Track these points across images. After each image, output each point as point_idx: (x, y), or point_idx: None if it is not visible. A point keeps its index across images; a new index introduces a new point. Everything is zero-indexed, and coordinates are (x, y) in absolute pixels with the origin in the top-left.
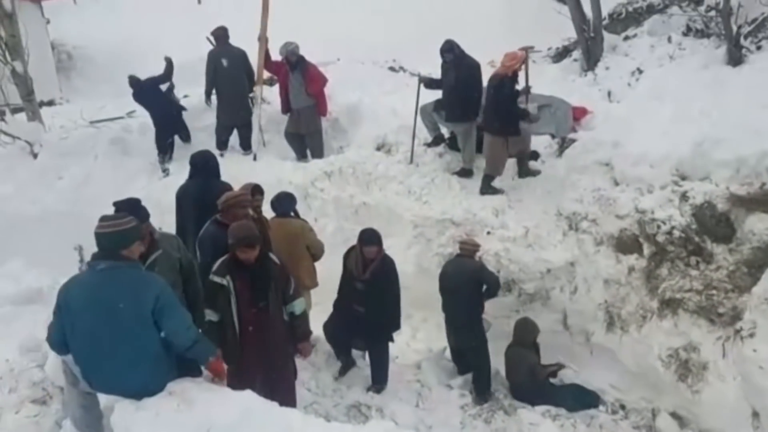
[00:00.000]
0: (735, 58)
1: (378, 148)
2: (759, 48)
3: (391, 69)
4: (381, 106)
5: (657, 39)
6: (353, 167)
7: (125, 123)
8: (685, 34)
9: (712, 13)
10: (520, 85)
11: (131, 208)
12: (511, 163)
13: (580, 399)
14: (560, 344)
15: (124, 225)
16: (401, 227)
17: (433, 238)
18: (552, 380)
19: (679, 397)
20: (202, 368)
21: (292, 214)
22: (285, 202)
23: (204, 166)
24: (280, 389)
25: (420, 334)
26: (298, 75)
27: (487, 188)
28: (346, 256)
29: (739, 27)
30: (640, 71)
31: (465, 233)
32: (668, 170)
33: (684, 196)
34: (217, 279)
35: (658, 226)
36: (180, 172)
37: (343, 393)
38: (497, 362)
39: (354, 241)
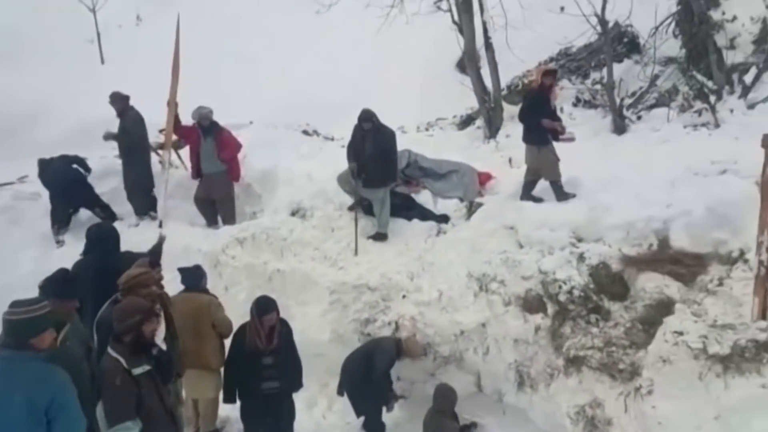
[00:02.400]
0: (619, 128)
1: (293, 213)
2: (639, 118)
3: (305, 133)
4: (296, 171)
5: None
6: (267, 233)
7: (16, 189)
8: (575, 105)
9: (598, 86)
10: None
11: (57, 283)
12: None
13: None
14: (475, 405)
15: (35, 312)
16: (317, 294)
17: (349, 304)
18: None
19: None
20: None
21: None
22: (192, 276)
23: (100, 241)
24: None
25: (336, 405)
26: (210, 140)
27: (561, 195)
28: (240, 335)
29: (622, 99)
30: None
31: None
32: (566, 233)
33: (581, 257)
34: (138, 371)
35: (560, 286)
36: (75, 244)
37: None
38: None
39: None
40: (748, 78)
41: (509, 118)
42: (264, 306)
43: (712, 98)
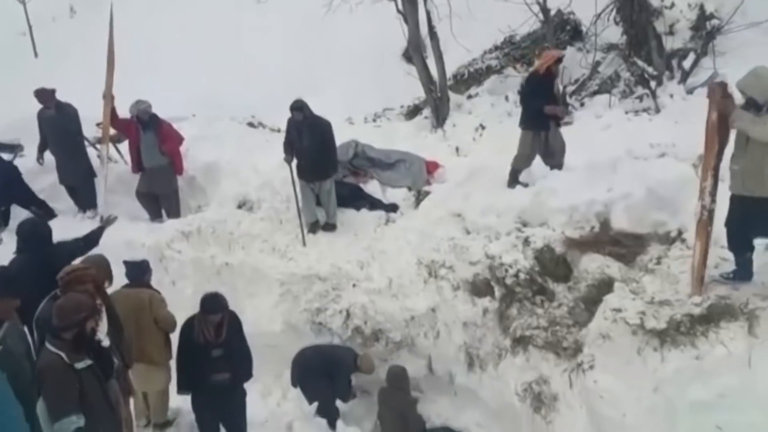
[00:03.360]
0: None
1: (239, 206)
2: (582, 105)
3: (250, 125)
4: (241, 163)
5: (496, 98)
6: (213, 227)
7: None
8: (520, 93)
9: None
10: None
11: None
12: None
13: None
14: (427, 387)
15: None
16: (267, 285)
17: (300, 295)
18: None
19: (535, 428)
20: None
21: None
22: (136, 269)
23: (31, 237)
24: None
25: (291, 394)
26: (150, 134)
27: (513, 182)
28: (188, 327)
29: (565, 86)
30: (483, 127)
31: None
32: (512, 218)
33: (527, 241)
34: (80, 365)
35: (506, 270)
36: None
37: None
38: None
39: None
40: (687, 63)
41: (456, 108)
42: (209, 306)
43: (653, 84)
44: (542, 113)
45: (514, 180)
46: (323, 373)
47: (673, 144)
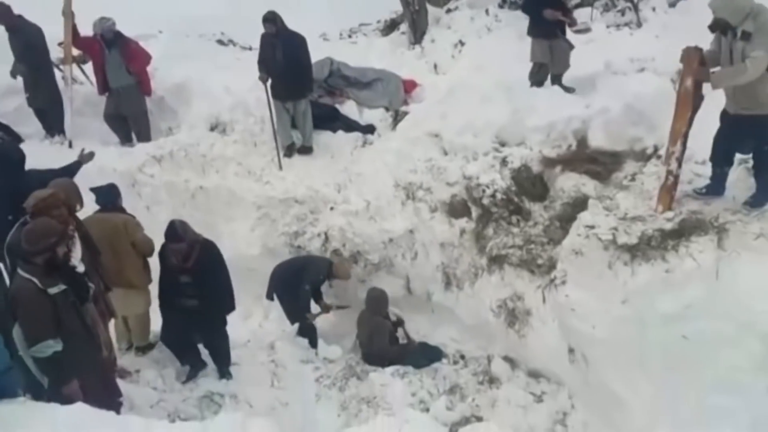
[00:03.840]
0: None
1: (212, 128)
2: None
3: (220, 42)
4: (212, 83)
5: (476, 12)
6: (185, 150)
7: None
8: (500, 6)
9: None
10: None
11: None
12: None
13: (427, 355)
14: (405, 306)
15: None
16: (244, 209)
17: (277, 218)
18: (401, 341)
19: (509, 342)
20: None
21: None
22: (106, 194)
23: (2, 160)
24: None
25: (272, 314)
26: (116, 53)
27: (533, 78)
28: (163, 250)
29: None
30: (462, 43)
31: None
32: (489, 138)
33: (504, 161)
34: (54, 290)
35: (483, 190)
36: None
37: (192, 385)
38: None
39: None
40: None
41: (434, 22)
42: (170, 235)
43: None
44: (546, 20)
45: (537, 83)
46: (297, 281)
47: (653, 58)
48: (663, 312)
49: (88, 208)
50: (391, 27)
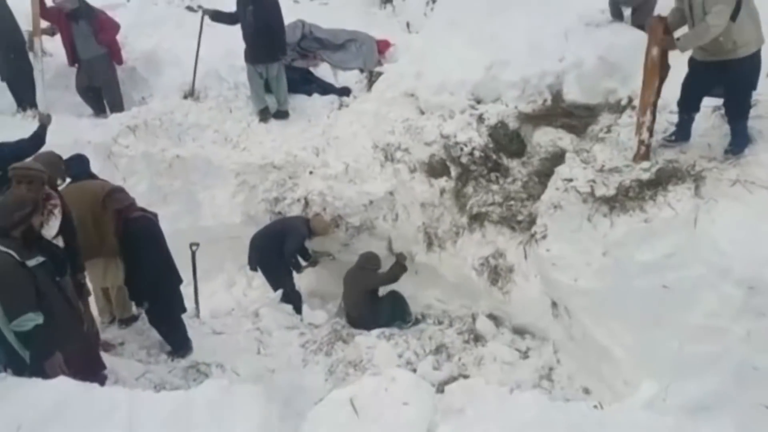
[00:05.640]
0: None
1: (185, 96)
2: None
3: (189, 9)
4: (183, 51)
5: None
6: (160, 119)
7: None
8: None
9: None
10: None
11: None
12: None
13: (398, 306)
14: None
15: None
16: (222, 177)
17: (257, 185)
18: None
19: (493, 300)
20: None
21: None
22: (78, 164)
23: None
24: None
25: (255, 282)
26: (84, 23)
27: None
28: None
29: None
30: (434, 0)
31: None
32: (465, 96)
33: (480, 119)
34: (32, 262)
35: (461, 149)
36: None
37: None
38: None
39: (171, 197)
40: None
41: None
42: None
43: None
44: None
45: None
46: (277, 248)
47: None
48: (643, 262)
49: None
50: None
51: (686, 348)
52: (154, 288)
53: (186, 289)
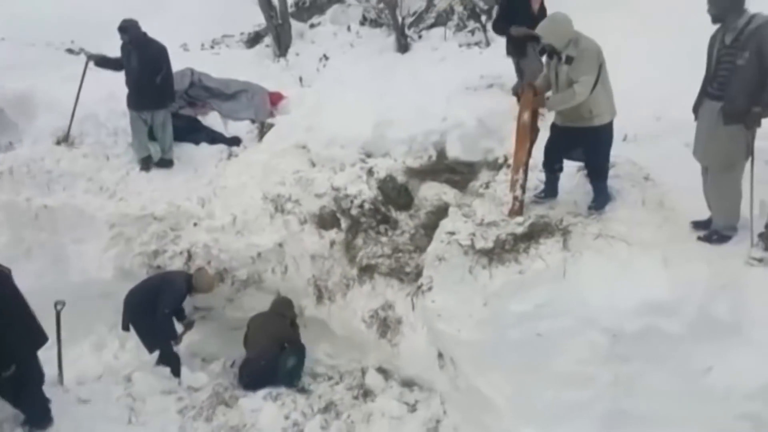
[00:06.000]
0: (402, 46)
1: (58, 142)
2: (420, 37)
3: (70, 51)
4: (60, 94)
5: (338, 27)
6: (28, 165)
7: None
8: (362, 24)
9: (381, 5)
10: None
11: None
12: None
13: (301, 362)
14: None
15: None
16: (95, 229)
17: (133, 237)
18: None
19: (382, 353)
20: None
21: None
22: None
23: None
24: None
25: (129, 343)
26: None
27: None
28: None
29: (404, 18)
30: (327, 57)
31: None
32: (356, 149)
33: (370, 172)
34: None
35: (352, 201)
36: None
37: None
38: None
39: (36, 251)
40: None
41: (298, 36)
42: None
43: (483, 18)
44: (514, 37)
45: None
46: (153, 305)
47: (500, 75)
48: (518, 312)
49: None
50: (255, 39)
51: (560, 394)
52: (6, 352)
53: (48, 353)
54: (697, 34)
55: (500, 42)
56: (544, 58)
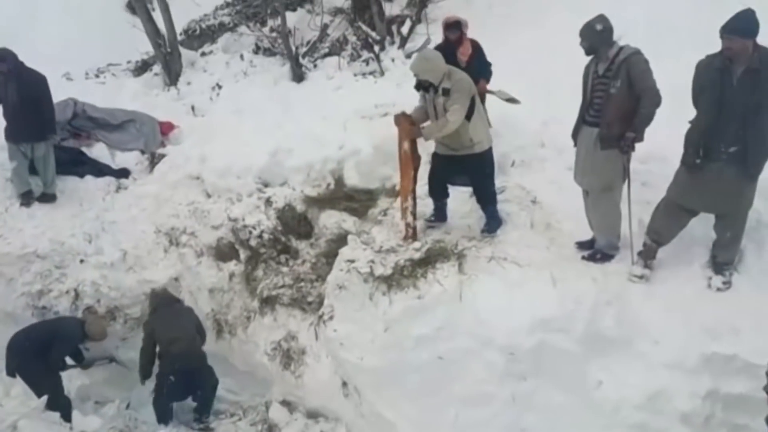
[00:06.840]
0: (297, 75)
1: None
2: (315, 66)
3: None
4: None
5: (231, 56)
6: None
7: None
8: (255, 52)
9: (275, 34)
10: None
11: None
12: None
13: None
14: None
15: None
16: None
17: (15, 277)
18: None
19: (286, 385)
20: None
21: None
22: None
23: None
24: None
25: (15, 389)
26: None
27: None
28: None
29: (297, 47)
30: (220, 86)
31: None
32: (252, 179)
33: (268, 202)
34: None
35: (250, 232)
36: None
37: None
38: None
39: None
40: (405, 29)
41: (189, 65)
42: None
43: (376, 48)
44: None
45: None
46: (41, 352)
47: (394, 104)
48: (418, 335)
49: None
50: (143, 68)
51: (461, 415)
52: None
53: None
54: (573, 62)
55: (394, 71)
56: (419, 93)
